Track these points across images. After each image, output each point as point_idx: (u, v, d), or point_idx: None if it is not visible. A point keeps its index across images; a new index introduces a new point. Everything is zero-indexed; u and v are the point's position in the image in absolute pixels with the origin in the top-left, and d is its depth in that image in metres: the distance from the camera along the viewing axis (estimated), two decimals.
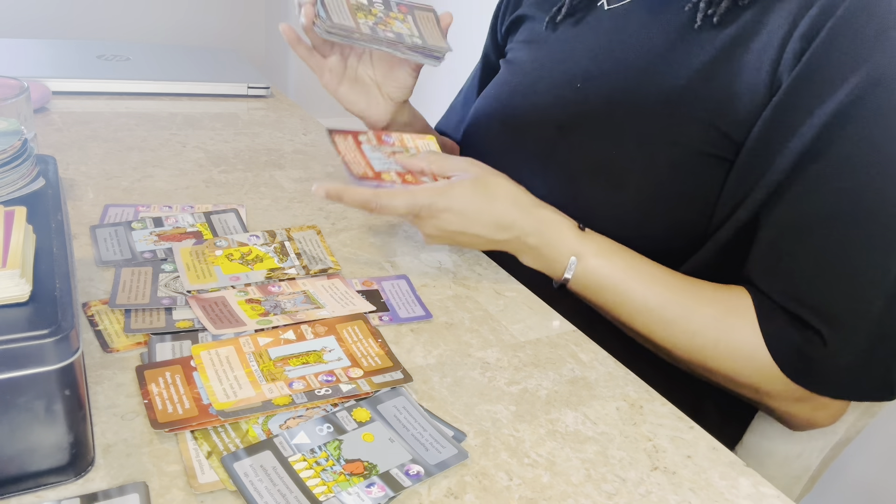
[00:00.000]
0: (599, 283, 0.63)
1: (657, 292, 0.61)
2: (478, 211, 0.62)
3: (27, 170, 0.51)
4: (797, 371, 0.58)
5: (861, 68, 0.55)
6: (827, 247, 0.57)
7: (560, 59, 0.74)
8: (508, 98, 0.77)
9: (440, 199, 0.62)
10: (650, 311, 0.62)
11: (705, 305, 0.61)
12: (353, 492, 0.40)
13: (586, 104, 0.69)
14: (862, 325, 0.57)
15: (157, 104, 1.09)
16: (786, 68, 0.59)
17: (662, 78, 0.65)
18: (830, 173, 0.57)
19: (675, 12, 0.68)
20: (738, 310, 0.60)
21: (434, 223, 0.63)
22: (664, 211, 0.64)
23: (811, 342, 0.57)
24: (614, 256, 0.63)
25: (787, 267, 0.59)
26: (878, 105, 0.56)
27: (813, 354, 0.57)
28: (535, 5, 0.84)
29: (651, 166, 0.64)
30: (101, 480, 0.39)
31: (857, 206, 0.56)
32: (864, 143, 0.56)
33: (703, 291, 0.62)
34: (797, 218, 0.58)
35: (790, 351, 0.58)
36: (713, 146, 0.63)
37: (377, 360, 0.52)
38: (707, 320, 0.60)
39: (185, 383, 0.47)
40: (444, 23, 0.76)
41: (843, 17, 0.56)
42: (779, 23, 0.60)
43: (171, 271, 0.60)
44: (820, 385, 0.58)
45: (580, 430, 0.48)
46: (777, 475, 0.70)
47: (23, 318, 0.36)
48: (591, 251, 0.63)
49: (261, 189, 0.80)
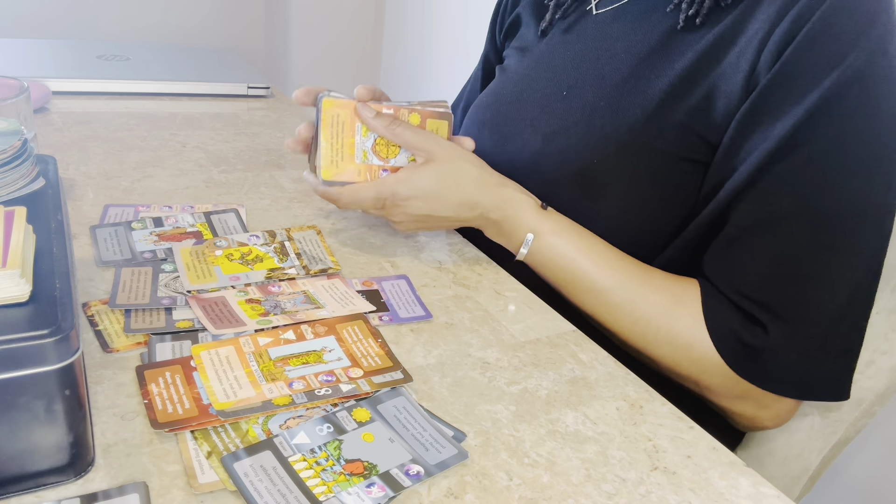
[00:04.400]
0: (553, 260, 0.65)
1: (607, 275, 0.63)
2: (442, 195, 0.66)
3: (27, 170, 0.51)
4: (737, 362, 0.58)
5: (837, 68, 0.55)
6: (784, 243, 0.57)
7: (547, 68, 0.74)
8: (498, 108, 0.78)
9: (403, 188, 0.65)
10: (598, 293, 0.63)
11: (652, 292, 0.61)
12: (353, 492, 0.40)
13: (570, 113, 0.69)
14: (811, 324, 0.56)
15: (157, 104, 1.09)
16: (763, 70, 0.58)
17: (643, 84, 0.65)
18: (796, 172, 0.56)
19: (659, 18, 0.67)
20: (683, 299, 0.61)
21: (401, 210, 0.66)
22: (645, 216, 0.65)
23: (752, 332, 0.57)
24: (571, 236, 0.65)
25: (740, 261, 0.59)
26: (852, 104, 0.55)
27: (754, 345, 0.57)
28: (529, 7, 0.84)
29: (631, 174, 0.64)
30: (101, 480, 0.39)
31: (821, 207, 0.56)
32: (834, 143, 0.55)
33: (653, 279, 0.63)
34: (758, 215, 0.58)
35: (731, 340, 0.58)
36: (692, 150, 0.62)
37: (377, 360, 0.52)
38: (652, 307, 0.61)
39: (185, 383, 0.47)
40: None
41: (821, 19, 0.55)
42: (759, 24, 0.59)
43: (171, 271, 0.60)
44: (759, 378, 0.58)
45: (580, 430, 0.48)
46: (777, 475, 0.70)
47: (23, 318, 0.36)
48: (549, 229, 0.65)
49: (261, 189, 0.80)
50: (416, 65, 2.18)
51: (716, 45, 0.62)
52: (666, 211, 0.64)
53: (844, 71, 0.54)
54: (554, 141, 0.69)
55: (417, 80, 2.17)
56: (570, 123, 0.68)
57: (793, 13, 0.57)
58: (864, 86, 0.55)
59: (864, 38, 0.55)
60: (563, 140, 0.68)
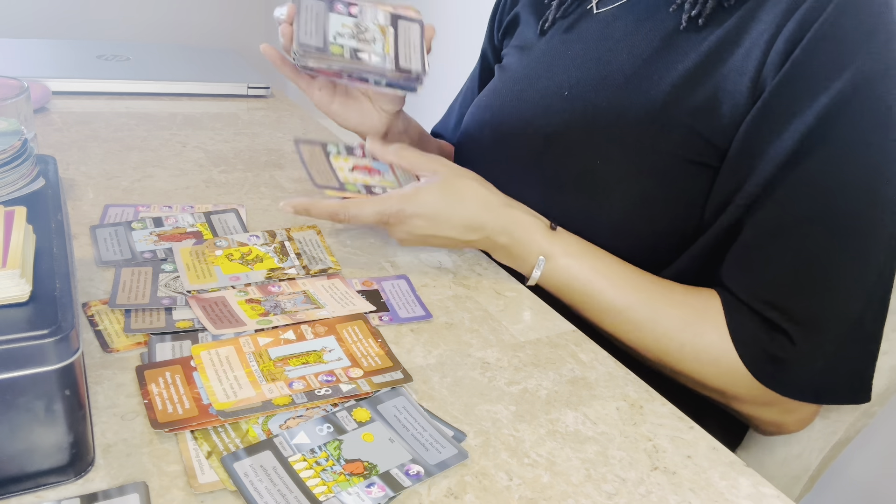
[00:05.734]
0: (568, 282, 0.64)
1: (625, 293, 0.62)
2: (447, 215, 0.64)
3: (27, 170, 0.51)
4: (765, 374, 0.57)
5: (846, 71, 0.54)
6: (802, 249, 0.56)
7: (548, 67, 0.74)
8: (499, 107, 0.77)
9: (408, 206, 0.63)
10: (618, 312, 0.62)
11: (673, 307, 0.60)
12: (353, 492, 0.40)
13: (572, 113, 0.68)
14: (833, 328, 0.56)
15: (157, 104, 1.09)
16: (770, 72, 0.58)
17: (647, 85, 0.64)
18: (811, 176, 0.56)
19: (661, 18, 0.67)
20: (706, 312, 0.60)
21: (404, 228, 0.64)
22: (649, 218, 0.64)
23: (779, 344, 0.57)
24: (584, 256, 0.64)
25: (759, 268, 0.58)
26: (862, 109, 0.55)
27: (781, 356, 0.57)
28: (528, 6, 0.83)
29: (635, 175, 0.64)
30: (101, 480, 0.39)
31: (837, 210, 0.56)
32: (847, 147, 0.55)
33: (672, 294, 0.62)
34: (775, 221, 0.57)
35: (758, 352, 0.57)
36: (697, 153, 0.62)
37: (377, 360, 0.52)
38: (675, 322, 0.60)
39: (185, 383, 0.47)
40: (427, 36, 0.71)
41: (828, 21, 0.55)
42: (764, 26, 0.59)
43: (171, 271, 0.60)
44: (788, 388, 0.58)
45: (580, 430, 0.48)
46: (777, 475, 0.70)
47: (23, 318, 0.36)
48: (560, 251, 0.64)
49: (261, 189, 0.80)
50: None
51: (720, 47, 0.61)
52: (670, 213, 0.64)
53: (854, 73, 0.54)
54: (556, 141, 0.69)
55: None
56: (572, 124, 0.68)
57: (799, 14, 0.56)
58: (874, 87, 0.55)
59: (872, 40, 0.55)
60: (565, 140, 0.68)
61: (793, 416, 0.61)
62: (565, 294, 0.65)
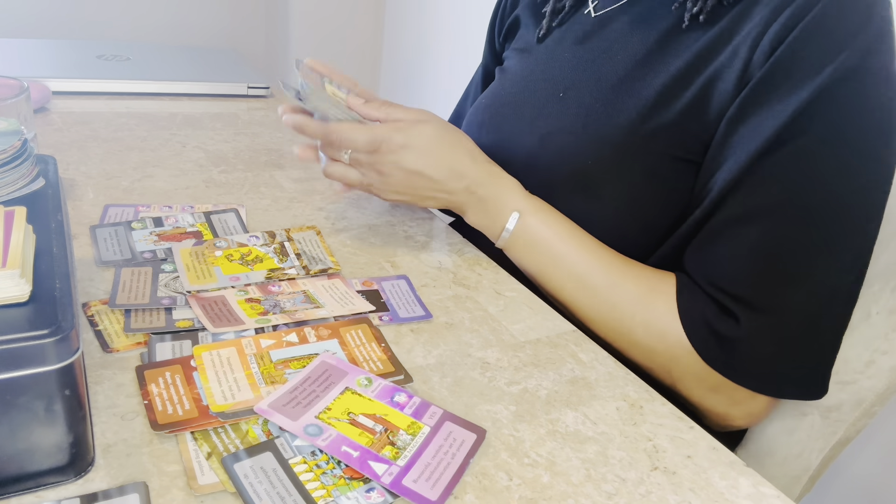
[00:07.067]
0: (535, 242, 0.66)
1: (586, 260, 0.63)
2: (438, 152, 0.66)
3: (27, 170, 0.51)
4: (708, 350, 0.58)
5: (830, 65, 0.55)
6: (764, 238, 0.57)
7: (546, 69, 0.74)
8: (496, 108, 0.78)
9: (400, 135, 0.65)
10: (577, 278, 0.64)
11: (629, 280, 0.62)
12: (353, 496, 0.40)
13: (566, 114, 0.69)
14: (787, 319, 0.56)
15: (157, 104, 1.09)
16: (755, 67, 0.58)
17: (639, 86, 0.65)
18: (783, 167, 0.56)
19: (657, 19, 0.67)
20: (660, 288, 0.61)
21: (392, 159, 0.65)
22: (640, 216, 0.65)
23: (725, 322, 0.57)
24: (553, 220, 0.66)
25: (718, 253, 0.59)
26: (843, 102, 0.55)
27: (727, 334, 0.57)
28: (529, 8, 0.83)
29: (627, 175, 0.64)
30: (101, 480, 0.39)
31: (806, 203, 0.55)
32: (823, 140, 0.55)
33: (632, 269, 0.63)
34: (741, 208, 0.58)
35: (704, 329, 0.58)
36: (686, 151, 0.62)
37: (379, 364, 0.51)
38: (629, 295, 0.61)
39: (185, 383, 0.47)
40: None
41: (816, 17, 0.56)
42: (754, 23, 0.59)
43: (171, 271, 0.60)
44: (731, 371, 0.58)
45: (580, 430, 0.48)
46: (777, 475, 0.70)
47: (23, 318, 0.36)
48: (533, 210, 0.66)
49: (261, 189, 0.80)
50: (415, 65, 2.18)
51: (711, 45, 0.62)
52: (660, 211, 0.64)
53: (837, 69, 0.54)
54: (550, 142, 0.69)
55: (417, 81, 2.17)
56: (566, 125, 0.68)
57: (787, 12, 0.57)
58: (856, 85, 0.55)
59: (858, 37, 0.55)
60: (559, 141, 0.68)
61: (740, 408, 0.61)
62: (530, 254, 0.67)
